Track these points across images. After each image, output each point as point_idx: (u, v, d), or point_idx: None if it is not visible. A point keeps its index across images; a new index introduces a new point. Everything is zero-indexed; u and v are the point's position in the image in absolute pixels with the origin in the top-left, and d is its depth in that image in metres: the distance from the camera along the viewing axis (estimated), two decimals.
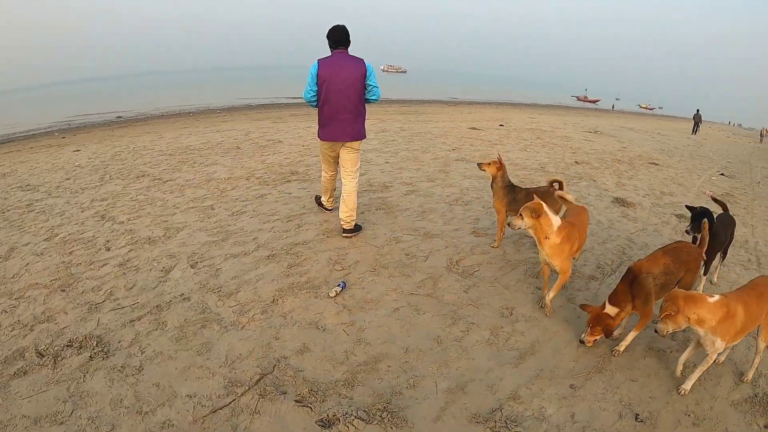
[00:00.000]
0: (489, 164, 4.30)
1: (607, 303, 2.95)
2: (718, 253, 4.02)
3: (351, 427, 2.35)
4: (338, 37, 3.99)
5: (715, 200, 4.42)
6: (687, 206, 3.98)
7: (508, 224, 3.27)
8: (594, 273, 4.26)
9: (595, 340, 3.04)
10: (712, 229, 3.48)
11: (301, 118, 14.00)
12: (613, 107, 46.23)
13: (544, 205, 3.12)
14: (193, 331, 3.12)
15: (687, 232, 3.78)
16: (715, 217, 3.79)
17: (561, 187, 4.09)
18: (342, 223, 4.45)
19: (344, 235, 4.47)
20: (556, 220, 3.14)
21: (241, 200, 5.69)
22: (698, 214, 3.69)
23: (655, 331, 2.61)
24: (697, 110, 27.14)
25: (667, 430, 2.54)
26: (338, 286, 3.64)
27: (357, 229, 4.55)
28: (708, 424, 2.59)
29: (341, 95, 3.99)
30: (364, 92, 4.10)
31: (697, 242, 3.51)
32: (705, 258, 3.42)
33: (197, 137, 9.57)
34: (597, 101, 51.45)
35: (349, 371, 2.78)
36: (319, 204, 5.14)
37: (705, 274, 3.96)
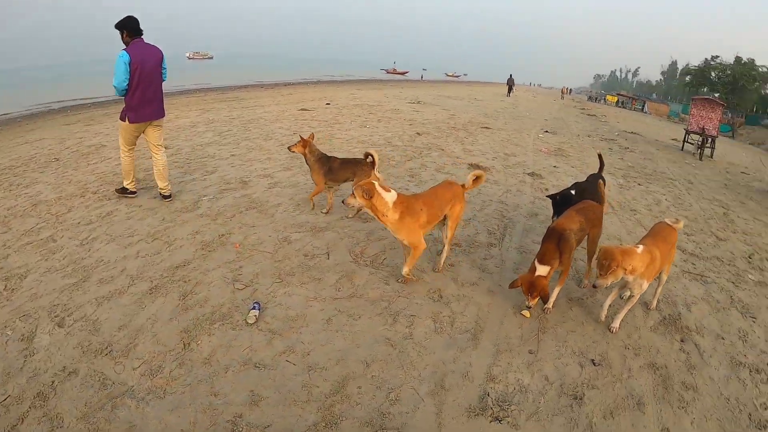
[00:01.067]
0: (296, 145, 4.70)
1: (537, 264, 3.11)
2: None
3: None
4: (136, 25, 4.37)
5: (599, 157, 5.10)
6: (547, 196, 4.42)
7: (343, 203, 3.28)
8: (489, 240, 4.57)
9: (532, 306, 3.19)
10: (572, 198, 4.10)
11: (116, 117, 11.26)
12: (422, 77, 51.32)
13: (375, 184, 3.12)
14: (104, 418, 2.21)
15: (553, 220, 4.27)
16: (578, 183, 4.46)
17: (374, 162, 4.39)
18: (162, 191, 4.91)
19: (168, 200, 4.91)
20: (389, 197, 3.14)
21: (85, 223, 4.35)
22: (558, 203, 4.22)
23: (594, 286, 2.80)
24: (510, 75, 32.26)
25: (619, 365, 2.81)
26: (253, 308, 3.06)
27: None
28: (644, 351, 3.00)
29: (150, 80, 4.47)
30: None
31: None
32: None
33: (2, 153, 7.18)
34: (406, 73, 56.51)
35: (322, 407, 2.35)
36: (123, 192, 4.97)
37: None
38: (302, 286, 3.41)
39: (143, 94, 4.43)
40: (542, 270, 3.07)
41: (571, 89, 55.06)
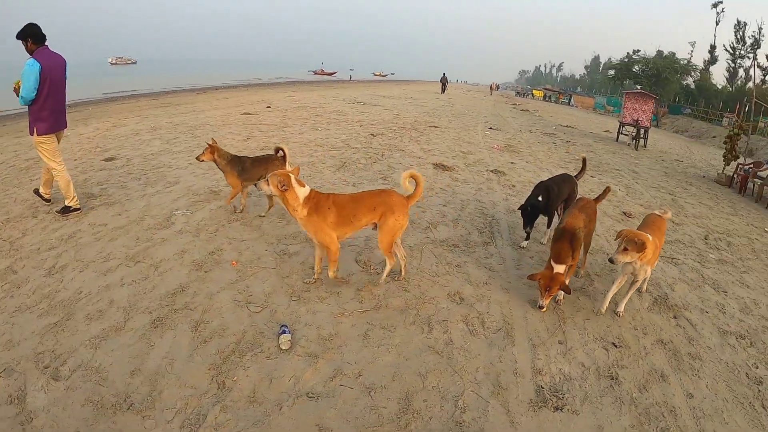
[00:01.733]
0: (204, 153, 4.67)
1: (553, 264, 3.35)
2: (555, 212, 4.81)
3: None
4: (39, 32, 4.23)
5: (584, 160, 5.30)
6: (518, 208, 4.54)
7: (255, 186, 3.37)
8: (482, 238, 4.77)
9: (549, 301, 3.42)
10: (541, 200, 4.38)
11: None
12: (350, 78, 51.76)
13: (292, 177, 3.14)
14: None
15: (526, 230, 4.49)
16: (541, 183, 4.66)
17: (285, 156, 4.60)
18: (75, 203, 4.59)
19: (68, 214, 4.55)
20: (302, 192, 3.17)
21: (47, 249, 3.88)
22: (529, 213, 4.41)
23: (610, 261, 3.14)
24: (444, 74, 33.50)
25: (634, 345, 3.15)
26: (283, 332, 2.91)
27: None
28: (650, 329, 3.36)
29: (59, 88, 4.39)
30: None
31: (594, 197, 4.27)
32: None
33: None
34: (334, 73, 56.64)
35: (398, 428, 2.31)
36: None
37: (549, 227, 4.76)
38: (322, 302, 3.31)
39: (54, 102, 4.33)
40: (560, 268, 3.30)
41: (498, 85, 58.44)
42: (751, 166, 10.16)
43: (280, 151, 4.60)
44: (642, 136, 14.48)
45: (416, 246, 4.36)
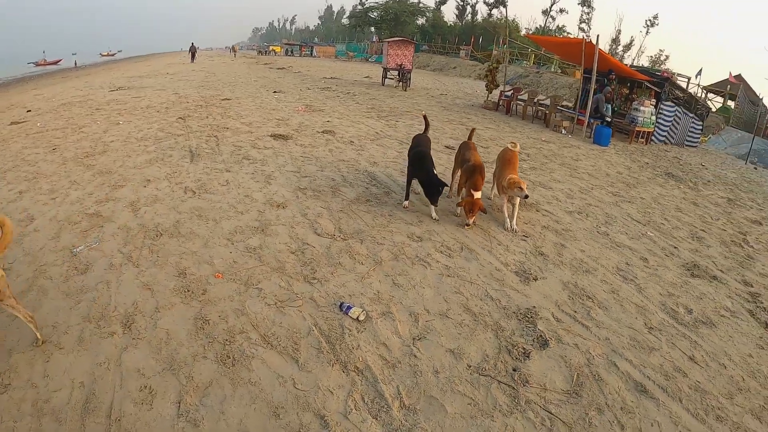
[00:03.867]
0: None
1: (473, 192, 4.69)
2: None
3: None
4: None
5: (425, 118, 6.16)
6: (423, 183, 5.02)
7: None
8: (381, 190, 5.74)
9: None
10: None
11: None
12: (75, 63, 43.66)
13: None
14: None
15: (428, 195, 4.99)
16: (417, 136, 5.63)
17: None
18: None
19: None
20: None
21: None
22: (427, 184, 4.89)
23: (526, 197, 4.73)
24: (192, 43, 36.33)
25: (533, 232, 4.91)
26: (348, 308, 3.25)
27: None
28: (534, 221, 5.04)
29: None
30: None
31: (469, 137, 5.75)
32: None
33: None
34: (59, 61, 47.09)
35: (485, 327, 3.25)
36: None
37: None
38: (347, 273, 3.72)
39: None
40: (478, 194, 4.67)
41: (240, 46, 56.89)
42: (512, 91, 14.01)
43: None
44: (407, 78, 17.38)
45: (344, 209, 4.99)
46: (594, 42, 11.07)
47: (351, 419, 2.41)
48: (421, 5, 49.10)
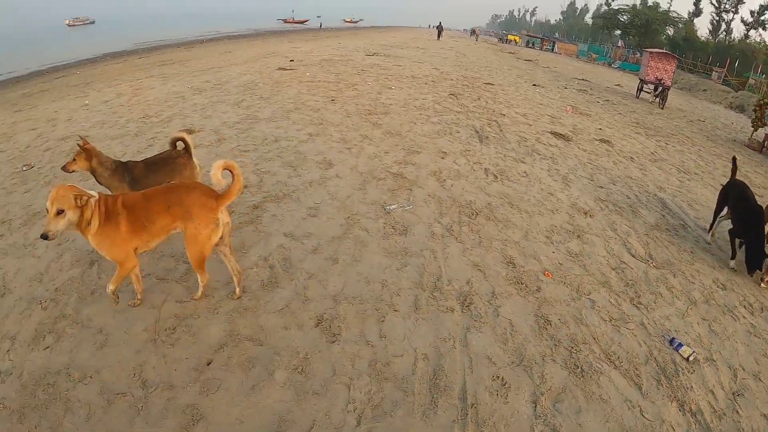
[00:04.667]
0: (74, 160, 3.23)
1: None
2: None
3: None
4: None
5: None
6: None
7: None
8: (677, 221, 4.67)
9: None
10: None
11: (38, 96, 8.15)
12: (320, 26, 49.60)
13: (76, 187, 2.39)
14: None
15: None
16: None
17: (187, 147, 3.45)
18: None
19: None
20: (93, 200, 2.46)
21: None
22: (754, 252, 4.07)
23: None
24: (440, 22, 36.75)
25: None
26: (678, 345, 3.00)
27: None
28: None
29: None
30: None
31: None
32: None
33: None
34: (305, 21, 54.58)
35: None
36: None
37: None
38: (668, 306, 3.39)
39: None
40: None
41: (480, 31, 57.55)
42: None
43: (179, 142, 3.41)
44: (665, 95, 14.83)
45: (648, 233, 4.47)
46: None
47: None
48: (673, 14, 41.33)
